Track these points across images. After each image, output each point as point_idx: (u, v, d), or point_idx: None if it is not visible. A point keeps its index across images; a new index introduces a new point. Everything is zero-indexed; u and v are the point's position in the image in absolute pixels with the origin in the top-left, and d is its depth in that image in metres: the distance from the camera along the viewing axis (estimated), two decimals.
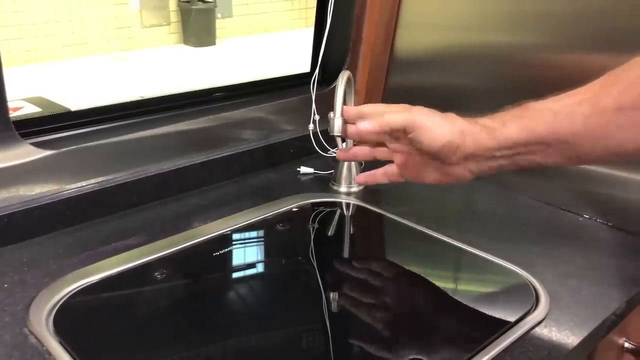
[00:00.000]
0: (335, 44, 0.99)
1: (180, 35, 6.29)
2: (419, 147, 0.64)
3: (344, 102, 0.80)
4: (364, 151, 0.72)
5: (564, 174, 0.83)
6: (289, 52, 5.59)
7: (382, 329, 0.61)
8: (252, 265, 0.73)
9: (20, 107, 2.42)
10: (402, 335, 0.60)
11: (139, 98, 0.92)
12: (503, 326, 0.58)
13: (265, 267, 0.75)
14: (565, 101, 0.58)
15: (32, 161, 0.73)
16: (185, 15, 6.20)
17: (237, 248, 0.75)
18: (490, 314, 0.63)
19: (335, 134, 0.76)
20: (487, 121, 0.62)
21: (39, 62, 5.31)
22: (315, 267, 0.72)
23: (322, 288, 0.68)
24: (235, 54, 6.05)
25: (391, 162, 0.71)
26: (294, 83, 1.04)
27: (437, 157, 0.64)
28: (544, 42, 0.81)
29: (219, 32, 6.43)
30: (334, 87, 0.99)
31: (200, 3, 6.22)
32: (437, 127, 0.62)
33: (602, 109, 0.55)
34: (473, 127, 0.62)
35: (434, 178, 0.67)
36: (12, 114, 0.73)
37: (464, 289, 0.69)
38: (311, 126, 0.92)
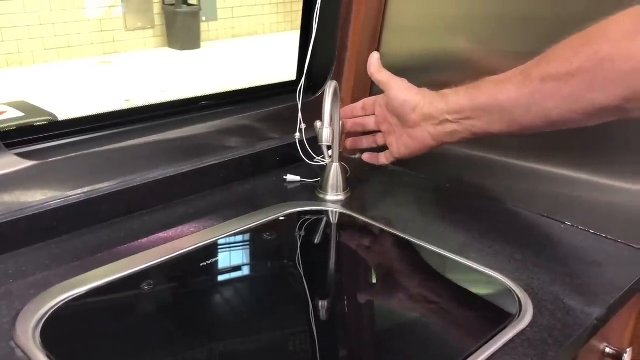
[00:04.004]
0: (321, 53, 1.00)
1: (164, 39, 6.27)
2: (389, 105, 0.81)
3: (331, 109, 0.81)
4: (368, 139, 0.90)
5: (546, 180, 0.84)
6: (274, 55, 5.60)
7: (368, 339, 0.62)
8: (239, 276, 0.74)
9: (2, 111, 2.40)
10: (385, 344, 0.60)
11: (125, 100, 0.92)
12: (486, 335, 0.59)
13: (253, 277, 0.75)
14: (507, 74, 0.68)
15: (17, 171, 0.72)
16: (169, 18, 6.18)
17: (224, 258, 0.75)
18: (473, 322, 0.64)
19: (324, 143, 0.79)
20: (445, 91, 0.75)
21: (21, 65, 5.26)
22: (303, 276, 0.73)
23: (309, 298, 0.68)
24: (219, 57, 6.04)
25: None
26: (280, 91, 1.04)
27: (400, 113, 0.79)
28: (530, 45, 0.81)
29: (203, 35, 6.42)
30: (320, 95, 1.00)
31: (185, 6, 6.20)
32: (402, 88, 0.80)
33: (531, 79, 0.64)
34: (431, 94, 0.77)
35: (407, 146, 0.81)
36: None
37: (447, 297, 0.69)
38: (297, 135, 0.93)
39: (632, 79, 0.57)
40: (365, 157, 0.93)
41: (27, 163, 0.73)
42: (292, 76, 1.05)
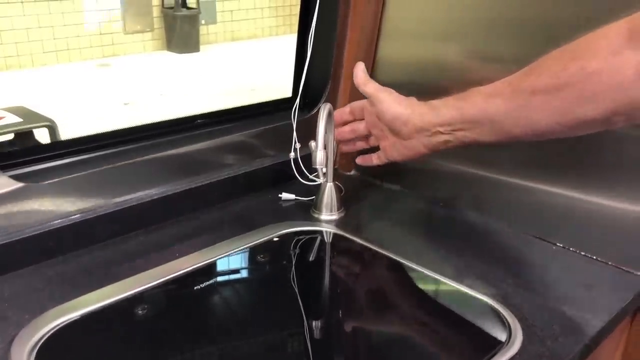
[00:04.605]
0: (317, 71, 1.00)
1: (163, 42, 6.28)
2: (380, 117, 0.81)
3: (325, 132, 0.82)
4: (361, 141, 0.89)
5: (539, 199, 0.84)
6: (272, 58, 5.61)
7: None
8: (233, 300, 0.74)
9: (1, 117, 2.41)
10: None
11: (124, 103, 0.92)
12: None
13: (246, 301, 0.76)
14: (496, 85, 0.68)
15: (12, 193, 0.73)
16: (168, 21, 6.19)
17: (218, 282, 0.76)
18: (463, 349, 0.65)
19: (317, 166, 0.80)
20: (434, 102, 0.75)
21: (20, 68, 5.27)
22: (297, 297, 0.74)
23: (304, 319, 0.69)
24: (219, 60, 6.05)
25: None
26: (275, 109, 1.05)
27: (391, 127, 0.79)
28: (526, 49, 0.80)
29: (202, 38, 6.42)
30: (315, 113, 1.01)
31: (184, 9, 6.21)
32: (391, 101, 0.79)
33: (520, 92, 0.65)
34: (421, 106, 0.77)
35: (400, 153, 0.81)
36: None
37: (437, 322, 0.70)
38: (292, 154, 0.94)
39: (618, 93, 0.58)
40: (359, 160, 0.92)
41: (22, 185, 0.73)
42: (289, 80, 1.05)
